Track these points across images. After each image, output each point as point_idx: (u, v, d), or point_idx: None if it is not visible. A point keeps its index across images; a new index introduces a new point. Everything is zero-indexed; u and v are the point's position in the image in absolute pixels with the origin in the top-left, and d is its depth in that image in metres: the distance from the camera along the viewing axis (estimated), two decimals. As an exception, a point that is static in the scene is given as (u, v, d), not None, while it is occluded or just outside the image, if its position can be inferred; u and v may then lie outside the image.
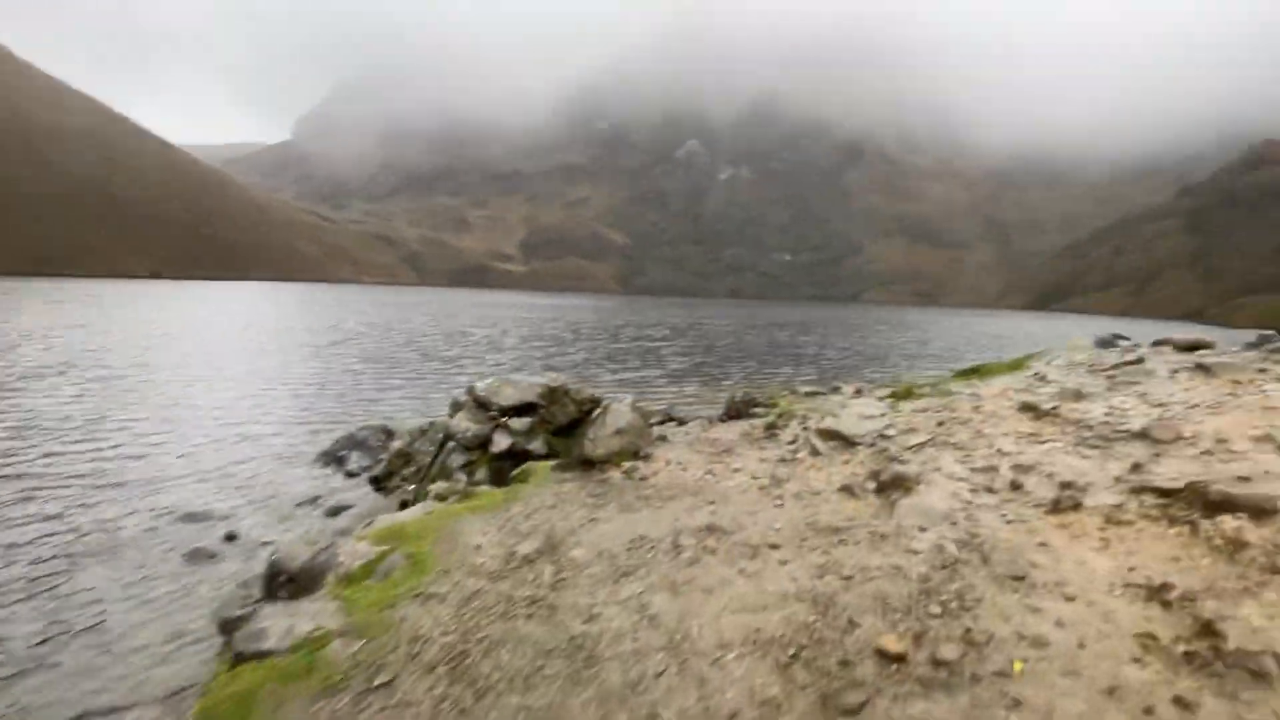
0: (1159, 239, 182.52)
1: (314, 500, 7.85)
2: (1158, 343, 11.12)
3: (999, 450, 3.89)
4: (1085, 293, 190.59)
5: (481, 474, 7.25)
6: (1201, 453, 3.37)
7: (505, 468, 7.17)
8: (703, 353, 28.94)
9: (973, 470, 3.71)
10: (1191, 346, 9.97)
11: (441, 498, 5.43)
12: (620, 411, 7.27)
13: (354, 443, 10.04)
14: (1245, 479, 2.86)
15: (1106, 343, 10.90)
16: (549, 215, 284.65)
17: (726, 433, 9.41)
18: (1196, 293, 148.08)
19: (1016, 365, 6.59)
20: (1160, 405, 4.27)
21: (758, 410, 13.01)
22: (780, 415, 9.64)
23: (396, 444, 9.44)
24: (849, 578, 2.86)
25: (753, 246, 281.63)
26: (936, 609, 2.51)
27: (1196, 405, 4.14)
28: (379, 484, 8.64)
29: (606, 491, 4.88)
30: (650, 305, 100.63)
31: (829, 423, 4.90)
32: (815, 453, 4.69)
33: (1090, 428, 4.08)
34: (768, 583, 2.91)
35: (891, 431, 4.53)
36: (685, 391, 18.76)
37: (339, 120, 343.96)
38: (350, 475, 9.15)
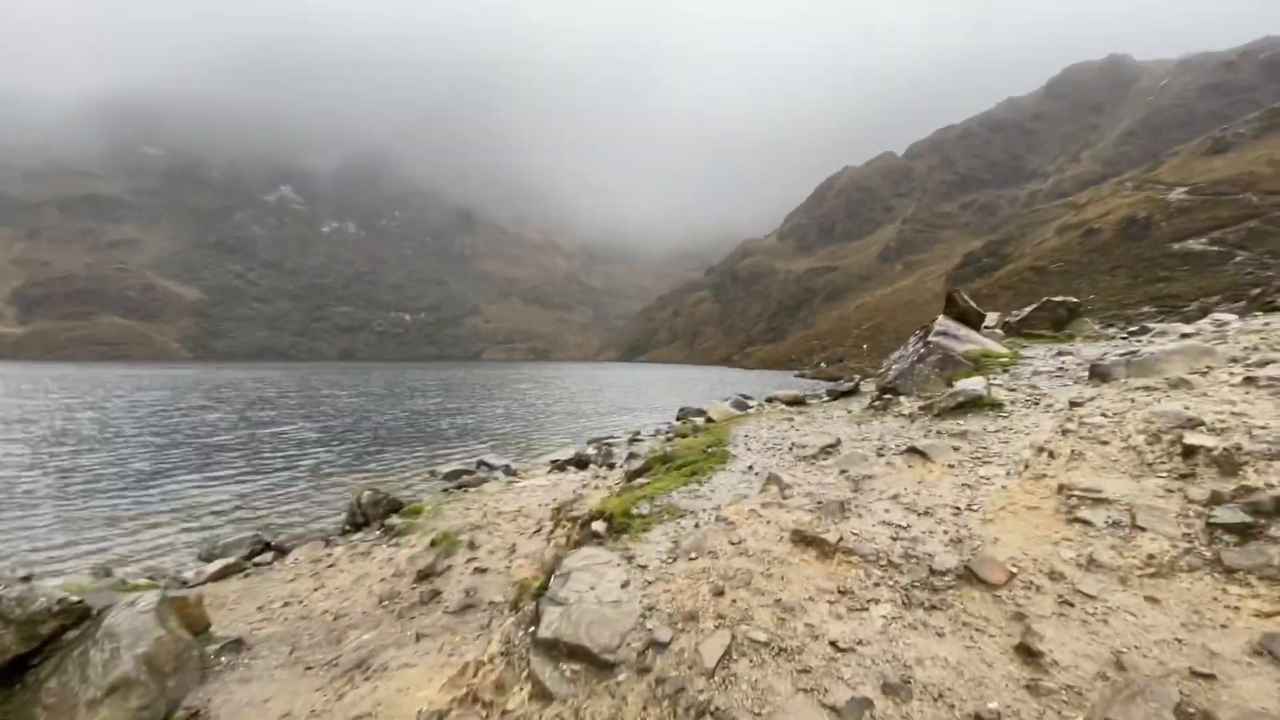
0: (699, 305, 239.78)
1: None
2: (769, 399, 12.75)
3: (828, 641, 2.54)
4: (657, 346, 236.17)
5: None
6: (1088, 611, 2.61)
7: None
8: (312, 427, 23.22)
9: (820, 702, 2.26)
10: (793, 401, 11.55)
11: None
12: (131, 631, 3.87)
13: None
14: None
15: (739, 404, 11.51)
16: (65, 260, 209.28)
17: (356, 582, 6.39)
18: (724, 344, 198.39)
19: (718, 456, 5.81)
20: (927, 514, 3.65)
21: (394, 524, 10.10)
22: (438, 541, 7.17)
23: None
24: None
25: (366, 305, 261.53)
26: None
27: (967, 509, 3.61)
28: None
29: None
30: (238, 371, 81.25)
31: (561, 629, 2.91)
32: (544, 695, 2.64)
33: (892, 564, 3.10)
34: None
35: (663, 633, 2.81)
36: (289, 493, 14.10)
37: None
38: None
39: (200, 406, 32.85)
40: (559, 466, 14.77)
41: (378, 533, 10.32)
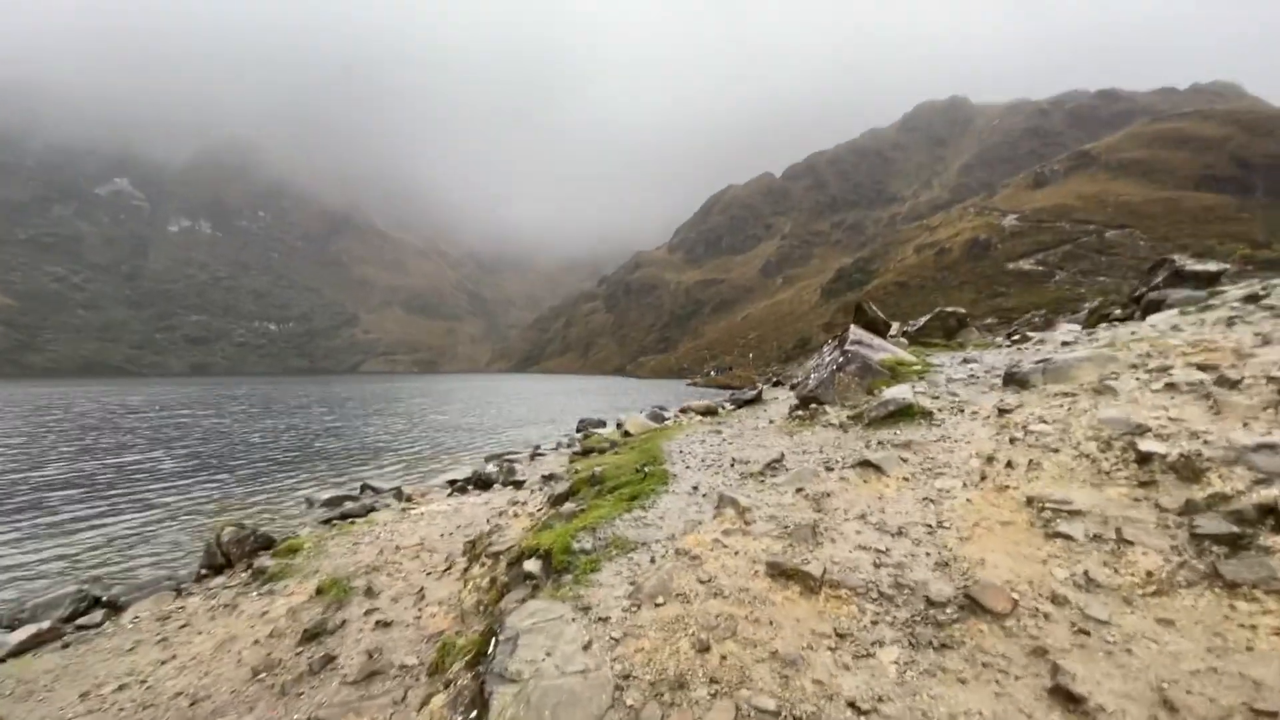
0: (592, 315, 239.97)
1: None
2: (683, 410, 12.52)
3: (844, 702, 2.17)
4: (551, 357, 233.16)
5: None
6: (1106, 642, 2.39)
7: None
8: (157, 453, 19.83)
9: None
10: (707, 411, 11.40)
11: None
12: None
13: None
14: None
15: (655, 415, 11.21)
16: None
17: (220, 647, 5.15)
18: (617, 354, 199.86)
19: (656, 476, 5.34)
20: (901, 534, 3.41)
21: (265, 566, 8.64)
22: (325, 589, 6.09)
23: None
24: None
25: (223, 314, 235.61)
26: None
27: (939, 527, 3.41)
28: None
29: None
30: (63, 389, 69.38)
31: (520, 718, 2.31)
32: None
33: (884, 596, 2.80)
34: None
35: (652, 712, 2.31)
36: (127, 534, 11.82)
37: None
38: None
39: (8, 432, 27.45)
40: (458, 488, 13.64)
41: (244, 575, 8.79)
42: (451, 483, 14.83)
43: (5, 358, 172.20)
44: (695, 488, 4.88)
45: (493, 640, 2.95)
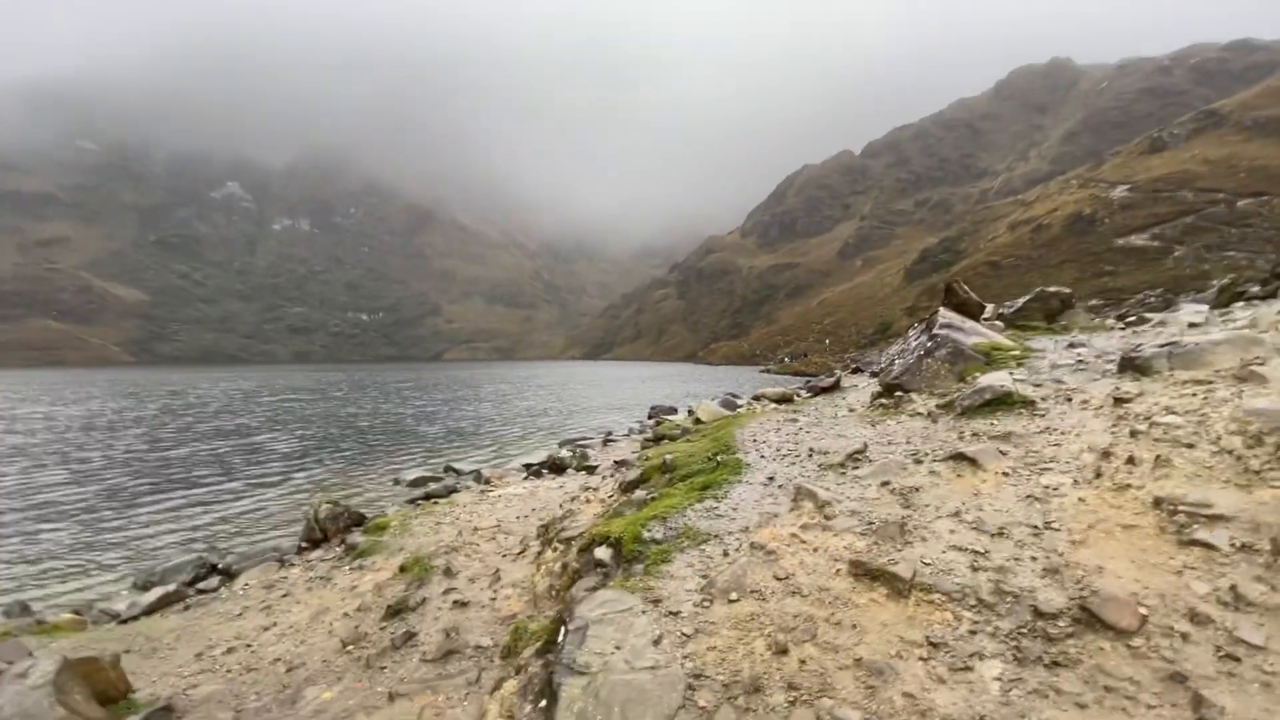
0: (663, 301, 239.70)
1: None
2: (756, 397, 12.23)
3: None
4: (623, 344, 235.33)
5: None
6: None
7: None
8: (268, 434, 21.62)
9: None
10: (782, 398, 11.05)
11: None
12: (19, 715, 3.06)
13: None
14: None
15: (728, 403, 10.96)
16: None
17: (314, 618, 5.47)
18: (688, 340, 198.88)
19: (730, 466, 5.18)
20: (1002, 534, 3.09)
21: (356, 542, 9.18)
22: (408, 567, 6.35)
23: None
24: None
25: (320, 305, 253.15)
26: None
27: (1047, 528, 3.08)
28: None
29: None
30: (188, 375, 77.16)
31: (587, 711, 2.25)
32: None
33: (984, 604, 2.54)
34: None
35: (726, 716, 2.17)
36: (241, 508, 12.91)
37: None
38: None
39: (145, 415, 30.71)
40: (534, 472, 13.97)
41: (338, 550, 9.38)
42: (527, 466, 15.23)
43: (141, 347, 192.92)
44: (770, 478, 4.67)
45: (562, 629, 2.92)
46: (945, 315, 8.05)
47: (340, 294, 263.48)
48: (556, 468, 13.99)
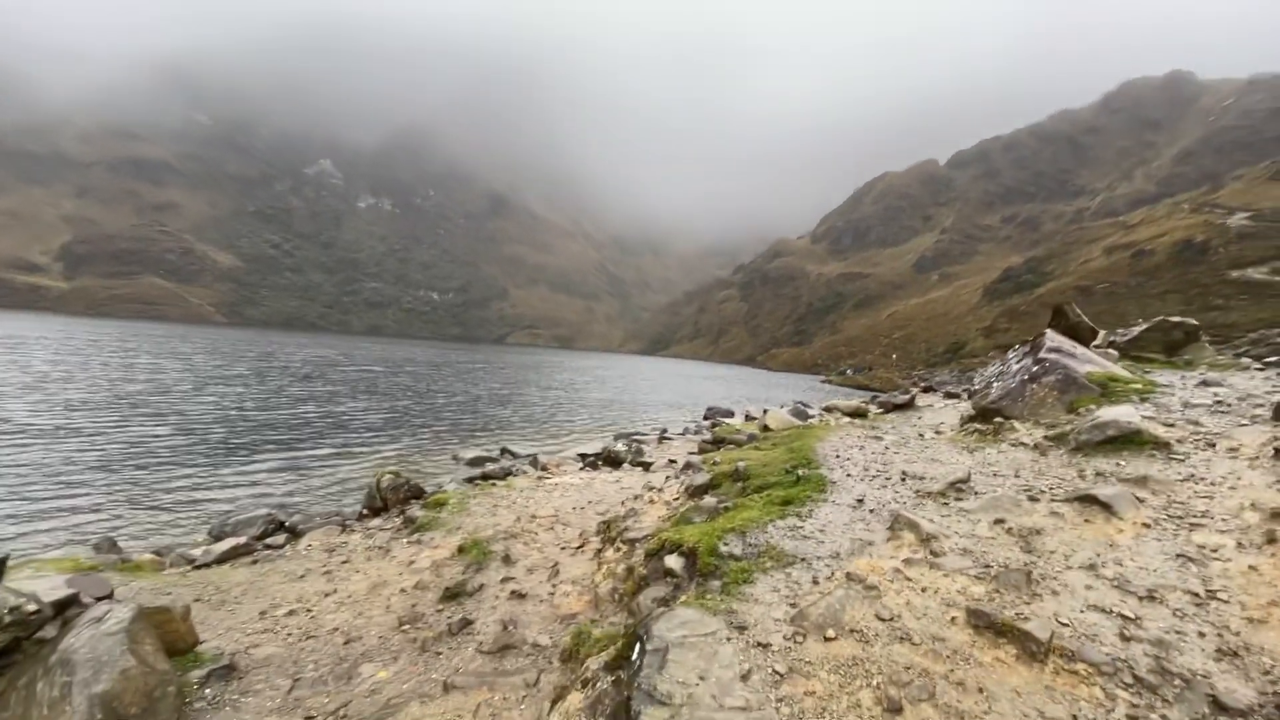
0: (725, 303, 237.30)
1: None
2: (828, 409, 11.69)
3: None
4: (680, 341, 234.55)
5: None
6: None
7: None
8: (342, 401, 22.62)
9: None
10: (855, 412, 10.47)
11: None
12: (91, 660, 3.07)
13: None
14: None
15: (799, 412, 10.49)
16: (113, 219, 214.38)
17: (372, 590, 5.46)
18: (748, 343, 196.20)
19: (813, 482, 4.80)
20: (1152, 598, 2.63)
21: (415, 515, 9.28)
22: (467, 549, 6.29)
23: None
24: None
25: (395, 282, 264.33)
26: None
27: (1210, 596, 2.61)
28: None
29: None
30: (277, 340, 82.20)
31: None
32: None
33: (1143, 683, 2.11)
34: None
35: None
36: (309, 469, 13.42)
37: None
38: None
39: (238, 374, 32.75)
40: (589, 463, 13.88)
41: (397, 521, 9.53)
42: (583, 456, 15.17)
43: (233, 310, 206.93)
44: (860, 500, 4.28)
45: (637, 646, 2.66)
46: (1054, 339, 7.34)
47: (415, 272, 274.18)
48: (612, 461, 13.84)
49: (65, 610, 3.94)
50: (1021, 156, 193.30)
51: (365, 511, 10.69)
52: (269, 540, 9.05)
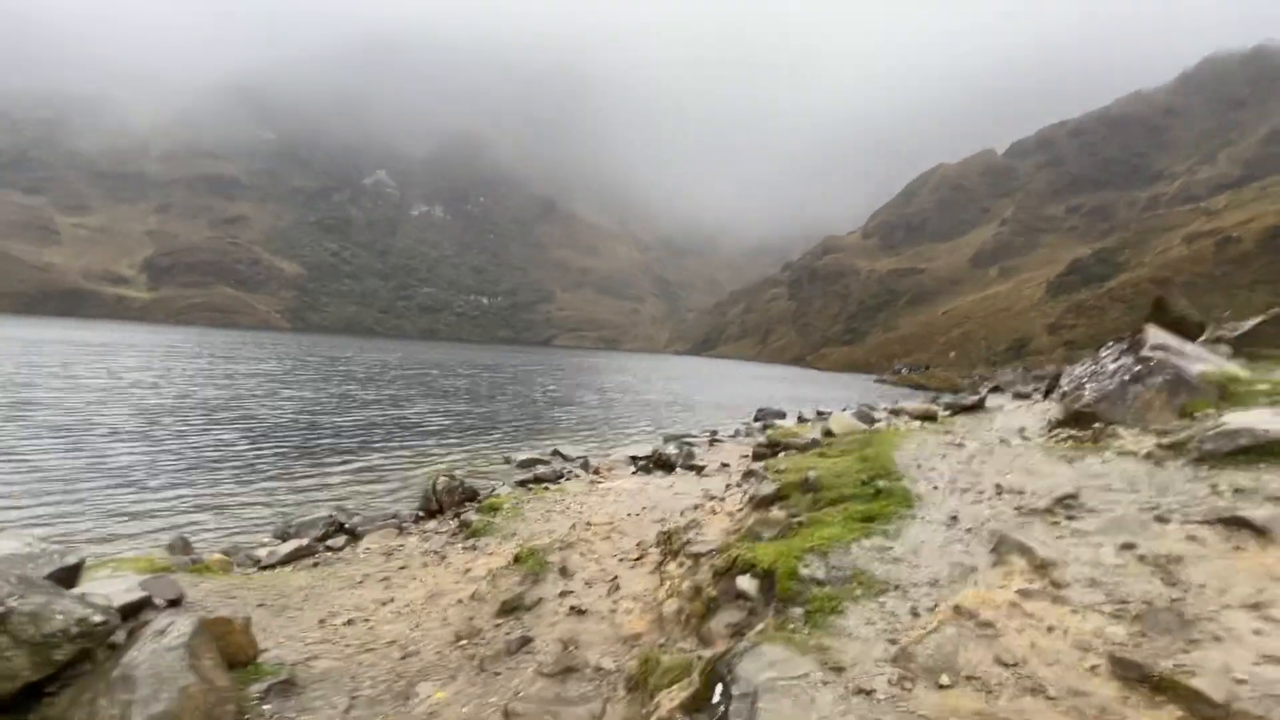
0: (773, 302, 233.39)
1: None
2: (894, 412, 11.11)
3: None
4: (727, 341, 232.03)
5: None
6: None
7: None
8: (400, 404, 23.21)
9: None
10: (924, 415, 9.87)
11: None
12: (152, 677, 2.99)
13: None
14: None
15: (864, 415, 9.94)
16: (191, 233, 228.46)
17: (429, 600, 5.34)
18: (796, 343, 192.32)
19: (896, 496, 4.40)
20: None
21: (470, 520, 9.24)
22: (523, 558, 6.12)
23: None
24: None
25: (447, 287, 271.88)
26: None
27: None
28: None
29: None
30: (338, 344, 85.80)
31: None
32: None
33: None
34: None
35: None
36: (368, 471, 13.68)
37: None
38: None
39: (307, 379, 34.16)
40: (641, 467, 13.64)
41: (452, 524, 9.54)
42: (634, 459, 14.95)
43: (295, 315, 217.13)
44: (954, 518, 3.86)
45: (719, 687, 2.38)
46: (1156, 335, 6.64)
47: (466, 277, 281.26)
48: (663, 464, 13.57)
49: (138, 614, 3.96)
50: (1089, 142, 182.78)
51: (421, 514, 10.76)
52: (329, 542, 9.17)
